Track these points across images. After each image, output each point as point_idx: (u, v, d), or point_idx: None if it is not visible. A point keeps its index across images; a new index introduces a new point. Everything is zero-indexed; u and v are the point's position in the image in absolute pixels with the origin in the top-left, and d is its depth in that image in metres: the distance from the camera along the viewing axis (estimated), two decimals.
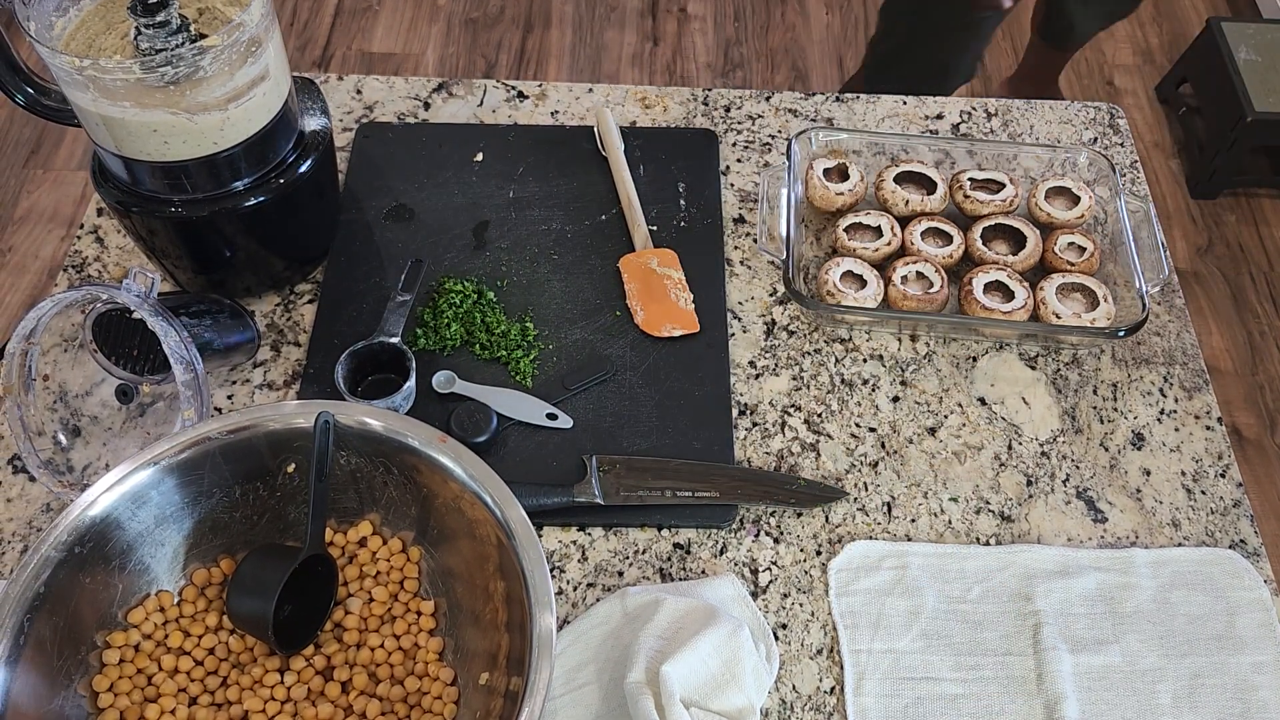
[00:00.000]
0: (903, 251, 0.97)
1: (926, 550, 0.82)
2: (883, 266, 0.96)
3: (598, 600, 0.79)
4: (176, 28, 0.76)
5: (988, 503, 0.85)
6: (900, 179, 1.00)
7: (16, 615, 0.65)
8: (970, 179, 1.00)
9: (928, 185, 1.00)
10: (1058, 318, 0.90)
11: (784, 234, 0.94)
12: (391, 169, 1.05)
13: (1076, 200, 0.99)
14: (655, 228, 1.00)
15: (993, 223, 0.98)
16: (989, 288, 0.93)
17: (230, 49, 0.76)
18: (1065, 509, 0.85)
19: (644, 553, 0.82)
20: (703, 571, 0.81)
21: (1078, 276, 0.93)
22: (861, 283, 0.93)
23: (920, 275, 0.94)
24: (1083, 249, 0.96)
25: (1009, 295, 0.92)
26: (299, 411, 0.74)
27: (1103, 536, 0.84)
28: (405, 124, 1.09)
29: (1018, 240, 0.97)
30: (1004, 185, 1.00)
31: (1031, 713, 0.75)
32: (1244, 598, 0.80)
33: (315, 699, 0.72)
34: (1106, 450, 0.89)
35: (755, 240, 1.01)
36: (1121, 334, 0.88)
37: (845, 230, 0.97)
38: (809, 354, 0.93)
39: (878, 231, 0.97)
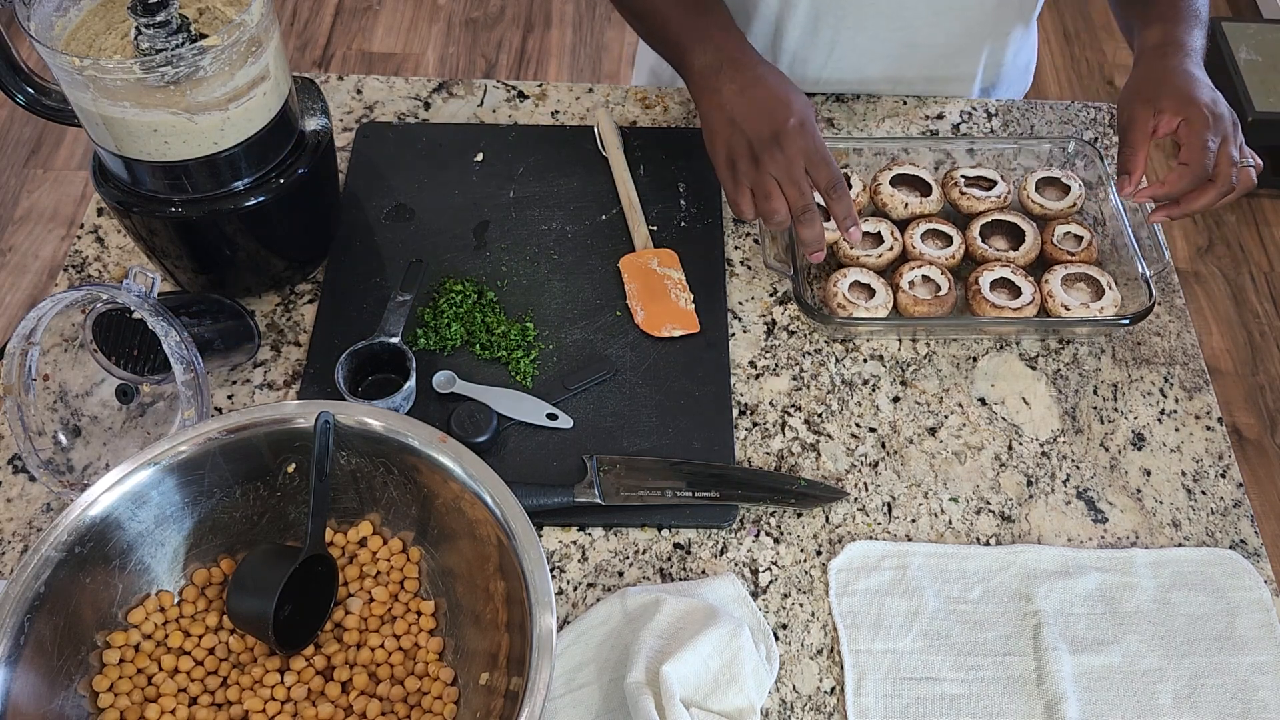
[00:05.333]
0: (905, 256, 0.97)
1: (927, 550, 0.82)
2: (885, 273, 0.96)
3: (598, 600, 0.79)
4: (176, 28, 0.76)
5: (988, 503, 0.85)
6: (895, 182, 1.00)
7: (16, 615, 0.65)
8: (964, 176, 1.00)
9: (922, 188, 1.00)
10: (1066, 309, 0.91)
11: (790, 247, 0.94)
12: (391, 169, 1.05)
13: (1067, 190, 0.99)
14: (655, 228, 1.00)
15: (990, 219, 0.98)
16: (995, 285, 0.93)
17: (230, 49, 0.76)
18: (1065, 509, 0.85)
19: (644, 553, 0.82)
20: (703, 571, 0.81)
21: (1079, 266, 0.94)
22: (870, 292, 0.93)
23: (926, 279, 0.94)
24: (1080, 238, 0.96)
25: (1015, 291, 0.93)
26: (299, 411, 0.74)
27: (1103, 537, 0.84)
28: (405, 124, 1.09)
29: (1016, 235, 0.97)
30: (996, 182, 1.00)
31: (1032, 713, 0.75)
32: (1244, 598, 0.80)
33: (315, 699, 0.72)
34: (1107, 450, 0.89)
35: (758, 244, 1.01)
36: (1128, 321, 0.89)
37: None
38: (809, 354, 0.93)
39: (878, 238, 0.97)
